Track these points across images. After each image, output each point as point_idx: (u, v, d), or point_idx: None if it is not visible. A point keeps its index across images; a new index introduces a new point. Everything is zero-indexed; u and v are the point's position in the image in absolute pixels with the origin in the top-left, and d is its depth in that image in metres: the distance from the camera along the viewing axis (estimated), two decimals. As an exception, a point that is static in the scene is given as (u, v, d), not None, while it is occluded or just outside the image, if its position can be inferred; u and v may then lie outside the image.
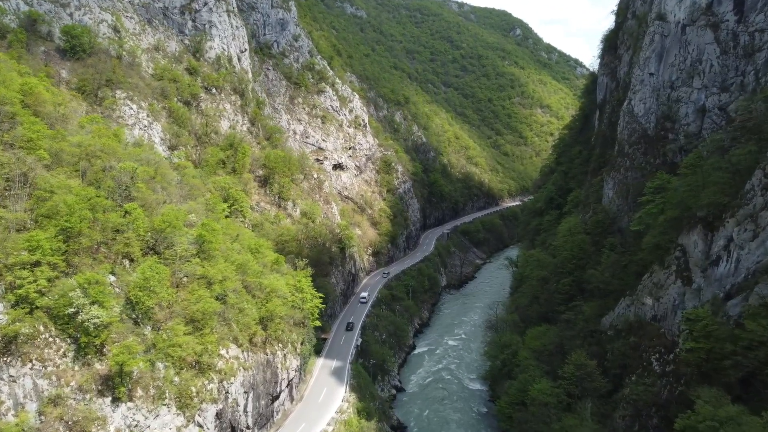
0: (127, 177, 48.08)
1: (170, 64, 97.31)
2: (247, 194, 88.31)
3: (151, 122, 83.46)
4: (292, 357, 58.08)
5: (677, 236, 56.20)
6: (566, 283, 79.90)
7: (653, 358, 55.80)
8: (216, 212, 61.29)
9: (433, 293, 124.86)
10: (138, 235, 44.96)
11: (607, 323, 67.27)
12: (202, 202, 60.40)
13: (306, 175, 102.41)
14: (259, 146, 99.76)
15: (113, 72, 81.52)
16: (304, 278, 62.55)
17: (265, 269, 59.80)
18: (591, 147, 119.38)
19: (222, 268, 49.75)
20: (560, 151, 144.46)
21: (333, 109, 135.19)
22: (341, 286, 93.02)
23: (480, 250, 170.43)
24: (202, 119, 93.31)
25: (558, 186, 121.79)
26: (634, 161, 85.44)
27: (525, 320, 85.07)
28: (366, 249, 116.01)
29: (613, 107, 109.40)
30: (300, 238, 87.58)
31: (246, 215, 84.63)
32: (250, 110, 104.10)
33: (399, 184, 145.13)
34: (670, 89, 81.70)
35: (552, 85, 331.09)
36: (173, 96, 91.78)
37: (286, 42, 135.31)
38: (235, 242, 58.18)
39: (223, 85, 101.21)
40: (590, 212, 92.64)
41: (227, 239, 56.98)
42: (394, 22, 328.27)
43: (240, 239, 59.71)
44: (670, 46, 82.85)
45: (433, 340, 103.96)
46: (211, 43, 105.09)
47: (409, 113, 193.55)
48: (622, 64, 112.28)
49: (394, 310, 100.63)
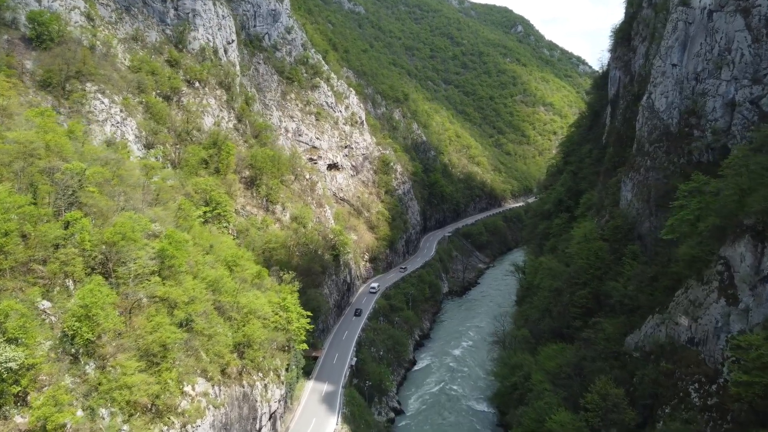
0: (75, 180, 40.33)
1: (149, 55, 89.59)
2: (232, 197, 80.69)
3: (125, 118, 75.83)
4: (275, 386, 50.40)
5: (719, 247, 48.68)
6: (582, 295, 72.22)
7: (691, 388, 48.26)
8: (189, 219, 53.55)
9: (435, 301, 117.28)
10: (83, 250, 37.25)
11: (632, 343, 59.62)
12: (172, 207, 52.70)
13: (297, 175, 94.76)
14: (246, 144, 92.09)
15: (83, 63, 73.84)
16: (289, 294, 54.79)
17: (245, 285, 52.14)
18: (603, 145, 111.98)
19: (189, 287, 42.09)
20: (568, 150, 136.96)
21: (328, 106, 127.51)
22: (335, 297, 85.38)
23: (483, 253, 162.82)
24: (183, 115, 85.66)
25: (567, 187, 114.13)
26: (656, 161, 77.92)
27: (536, 336, 77.44)
28: (362, 255, 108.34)
29: (627, 102, 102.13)
30: (289, 244, 80.00)
31: (230, 220, 76.98)
32: (237, 106, 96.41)
33: (398, 185, 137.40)
34: (695, 81, 74.32)
35: (554, 82, 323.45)
36: (151, 90, 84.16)
37: (278, 34, 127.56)
38: (209, 254, 50.46)
39: (208, 79, 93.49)
40: (606, 216, 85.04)
41: (199, 251, 49.28)
42: (393, 18, 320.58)
43: (215, 250, 52.01)
44: (694, 35, 75.35)
45: (435, 353, 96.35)
46: (194, 34, 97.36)
47: (409, 111, 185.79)
48: (636, 57, 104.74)
49: (392, 322, 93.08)
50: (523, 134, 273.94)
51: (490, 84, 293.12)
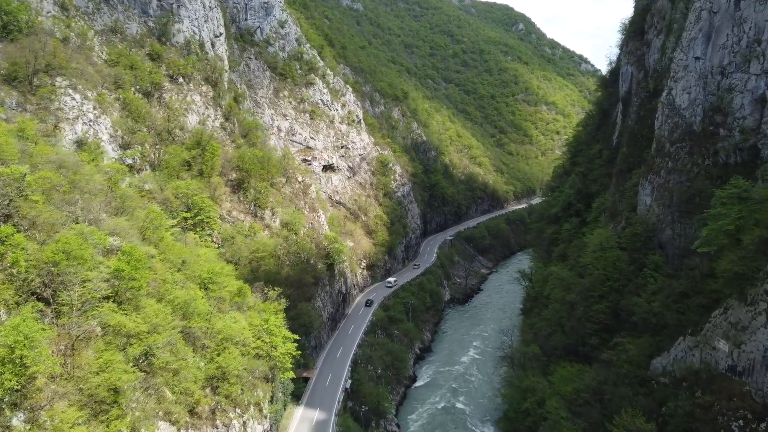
0: (12, 187, 33.83)
1: (129, 48, 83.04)
2: (217, 202, 74.22)
3: (99, 115, 69.32)
4: (256, 422, 43.92)
5: (767, 263, 42.43)
6: (599, 309, 65.76)
7: (735, 425, 41.92)
8: (160, 230, 47.03)
9: (436, 311, 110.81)
10: (16, 273, 30.77)
11: (659, 367, 53.23)
12: (140, 216, 46.18)
13: (289, 178, 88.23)
14: (233, 145, 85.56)
15: (54, 55, 67.35)
16: (274, 315, 48.25)
17: (223, 305, 45.63)
18: (614, 145, 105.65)
19: (151, 314, 35.65)
20: (575, 150, 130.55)
21: (323, 104, 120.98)
22: (329, 310, 78.88)
23: (486, 258, 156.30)
24: (165, 113, 79.15)
25: (576, 189, 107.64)
26: (678, 162, 71.58)
27: (548, 352, 71.04)
28: (359, 262, 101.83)
29: (641, 99, 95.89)
30: (279, 253, 73.51)
31: (214, 227, 70.58)
32: (225, 103, 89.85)
33: (397, 187, 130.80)
34: (720, 76, 68.16)
35: (557, 81, 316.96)
36: (130, 85, 77.68)
37: (270, 28, 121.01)
38: (181, 271, 43.96)
39: (192, 74, 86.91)
40: (622, 222, 78.63)
41: (169, 268, 42.77)
42: (392, 15, 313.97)
43: (189, 266, 45.47)
44: (720, 25, 69.06)
45: (436, 368, 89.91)
46: (179, 26, 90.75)
47: (408, 109, 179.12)
48: (651, 51, 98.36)
49: (391, 335, 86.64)
50: (525, 134, 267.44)
51: (492, 82, 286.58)
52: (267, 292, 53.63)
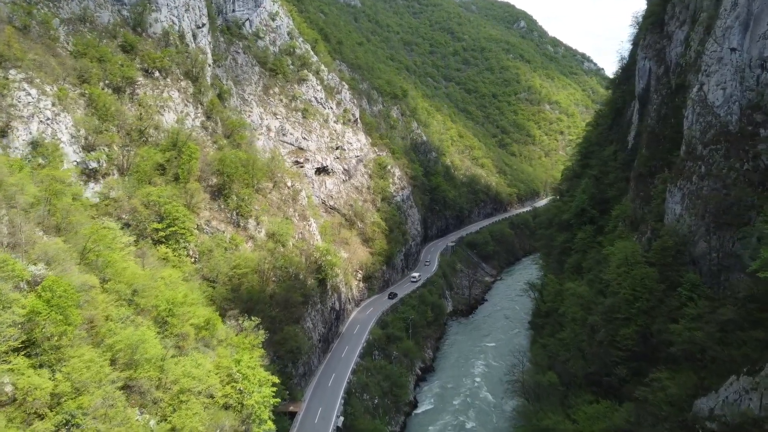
0: None
1: (99, 39, 74.78)
2: (194, 210, 65.99)
3: (59, 113, 61.03)
4: (224, 488, 35.66)
5: None
6: (627, 335, 57.72)
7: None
8: (111, 251, 38.77)
9: (438, 325, 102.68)
10: None
11: (705, 409, 45.19)
12: (85, 234, 37.93)
13: (277, 182, 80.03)
14: (215, 146, 77.34)
15: (8, 45, 59.25)
16: (248, 353, 40.06)
17: (185, 342, 37.43)
18: (631, 147, 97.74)
19: (81, 366, 27.47)
20: (586, 151, 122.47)
21: (317, 102, 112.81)
22: (320, 330, 70.70)
23: (489, 265, 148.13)
24: (137, 110, 70.91)
25: (590, 195, 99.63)
26: (712, 166, 63.59)
27: (566, 381, 63.06)
28: (355, 273, 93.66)
29: (662, 97, 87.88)
30: (263, 268, 65.35)
31: (189, 240, 62.38)
32: (207, 100, 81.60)
33: (396, 191, 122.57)
34: (760, 69, 60.50)
35: (560, 80, 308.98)
36: (98, 80, 69.36)
37: (260, 21, 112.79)
38: (132, 304, 35.70)
39: (171, 67, 78.62)
40: (647, 233, 70.63)
41: (114, 301, 34.55)
42: (391, 12, 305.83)
43: (143, 295, 37.21)
44: (760, 12, 61.14)
45: (439, 391, 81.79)
46: (156, 15, 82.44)
47: (408, 108, 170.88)
48: (673, 44, 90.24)
49: (389, 356, 78.50)
50: (528, 134, 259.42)
51: (493, 81, 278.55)
52: (242, 322, 45.39)
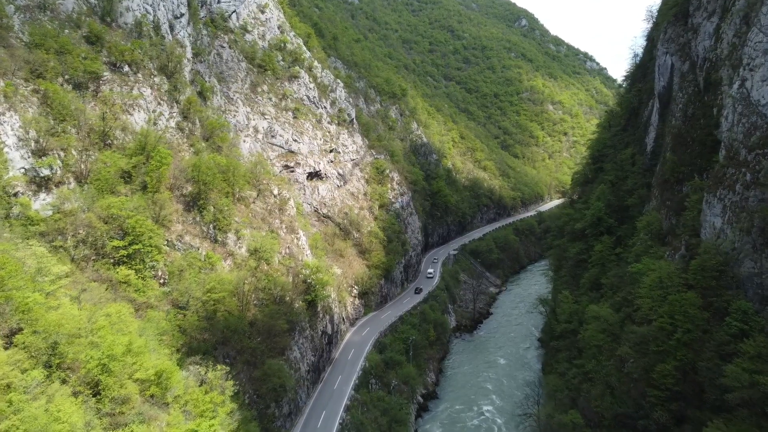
0: None
1: (60, 29, 66.11)
2: (163, 224, 57.35)
3: (4, 112, 52.44)
4: None
5: None
6: (666, 372, 49.44)
7: None
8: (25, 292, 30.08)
9: (441, 344, 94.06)
10: None
11: (774, 476, 37.10)
12: (-4, 268, 29.25)
13: (262, 190, 71.42)
14: (191, 150, 68.71)
15: (-55, 34, 50.64)
16: (208, 418, 31.40)
17: (125, 408, 28.77)
18: (652, 150, 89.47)
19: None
20: (598, 154, 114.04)
21: (309, 100, 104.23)
22: (309, 359, 62.06)
23: (494, 274, 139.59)
24: (101, 109, 62.25)
25: (606, 202, 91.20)
26: (759, 174, 55.39)
27: (592, 422, 54.69)
28: (350, 289, 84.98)
29: (688, 95, 79.81)
30: (243, 291, 56.77)
31: (157, 259, 53.84)
32: (184, 98, 72.97)
33: (395, 197, 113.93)
34: (815, 62, 52.23)
35: (563, 79, 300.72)
36: (56, 74, 60.68)
37: (248, 13, 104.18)
38: (49, 366, 27.04)
39: (143, 62, 69.96)
40: (681, 248, 62.27)
41: (24, 360, 25.88)
42: (389, 9, 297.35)
43: (68, 348, 28.57)
44: (815, -4, 52.97)
45: (444, 422, 73.26)
46: (128, 3, 73.77)
47: (407, 108, 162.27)
48: (700, 37, 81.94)
49: (388, 386, 69.89)
50: (531, 135, 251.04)
51: (495, 80, 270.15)
52: (205, 372, 36.75)
